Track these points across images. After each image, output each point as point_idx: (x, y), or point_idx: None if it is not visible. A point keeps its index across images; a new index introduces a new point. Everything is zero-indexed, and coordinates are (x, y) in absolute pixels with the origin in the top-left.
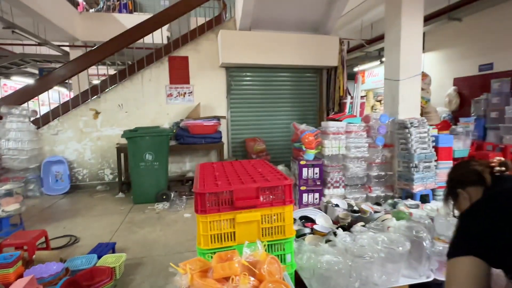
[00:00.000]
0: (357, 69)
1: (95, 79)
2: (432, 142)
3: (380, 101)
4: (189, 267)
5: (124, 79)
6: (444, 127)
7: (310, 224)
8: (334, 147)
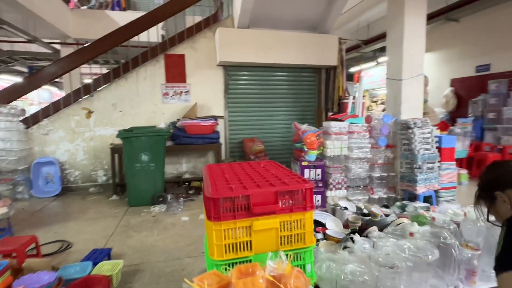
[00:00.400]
0: (353, 69)
1: (88, 78)
2: (435, 143)
3: (375, 102)
4: (206, 284)
5: (118, 78)
6: (442, 128)
7: (320, 228)
8: (336, 148)
